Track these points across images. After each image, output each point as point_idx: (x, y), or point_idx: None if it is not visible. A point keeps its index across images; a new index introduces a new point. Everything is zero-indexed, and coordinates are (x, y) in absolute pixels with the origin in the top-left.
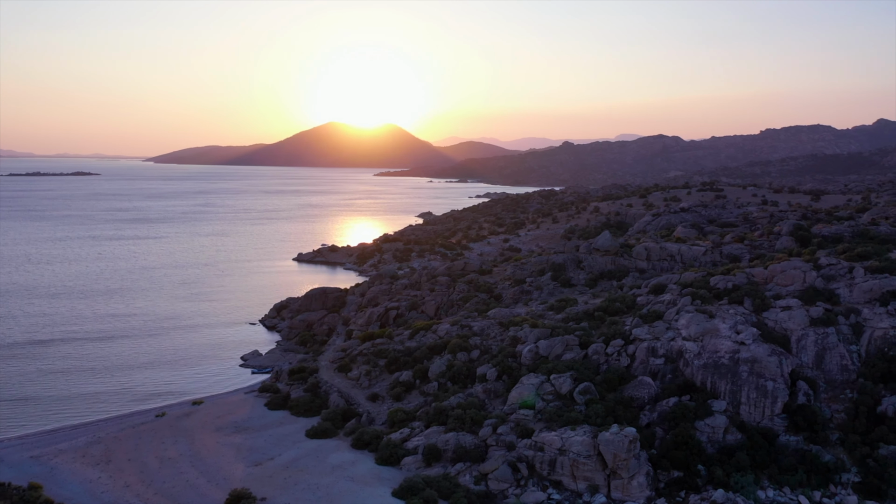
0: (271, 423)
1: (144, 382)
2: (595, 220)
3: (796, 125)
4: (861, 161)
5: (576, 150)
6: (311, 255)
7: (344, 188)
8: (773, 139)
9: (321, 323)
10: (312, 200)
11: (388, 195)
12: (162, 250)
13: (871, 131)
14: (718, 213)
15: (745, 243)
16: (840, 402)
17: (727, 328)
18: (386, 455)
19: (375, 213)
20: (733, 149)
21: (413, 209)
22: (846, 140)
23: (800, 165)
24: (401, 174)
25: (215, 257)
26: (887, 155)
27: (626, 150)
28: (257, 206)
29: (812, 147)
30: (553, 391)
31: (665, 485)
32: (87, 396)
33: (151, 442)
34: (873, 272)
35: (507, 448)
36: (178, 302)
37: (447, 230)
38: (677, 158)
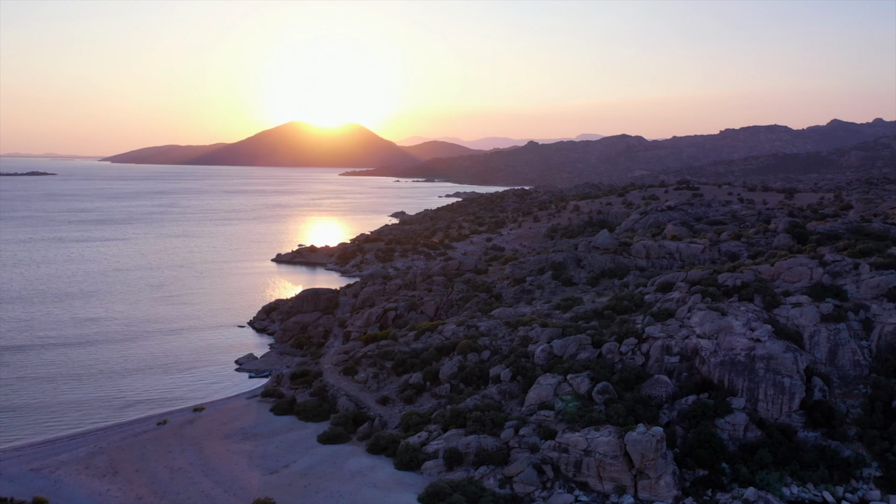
0: (280, 429)
1: (137, 389)
2: (577, 218)
3: (754, 125)
4: (819, 160)
5: (541, 150)
6: (290, 255)
7: (309, 188)
8: (733, 139)
9: (316, 325)
10: (277, 200)
11: (354, 195)
12: (133, 252)
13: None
14: (704, 212)
15: (742, 241)
16: (854, 398)
17: (740, 325)
18: (406, 460)
19: (346, 212)
20: (694, 148)
21: (384, 209)
22: (802, 140)
23: (761, 165)
24: (366, 174)
25: (190, 259)
26: (844, 155)
27: (590, 150)
28: (222, 207)
29: (770, 147)
30: (571, 391)
31: (691, 484)
32: (78, 405)
33: (157, 451)
34: (878, 268)
35: (530, 450)
36: (159, 305)
37: (426, 230)
38: (640, 158)
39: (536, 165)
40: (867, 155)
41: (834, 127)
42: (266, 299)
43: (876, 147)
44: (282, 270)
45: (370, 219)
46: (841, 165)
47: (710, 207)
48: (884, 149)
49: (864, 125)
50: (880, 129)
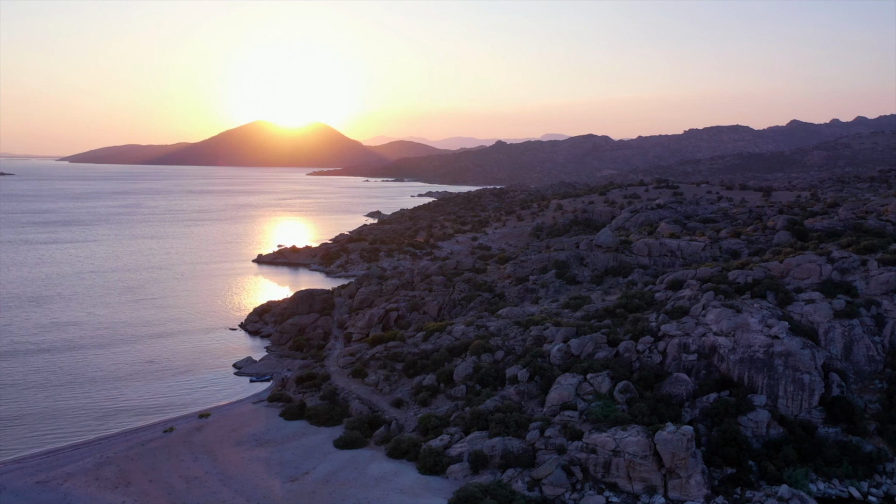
0: (293, 435)
1: (135, 395)
2: (562, 217)
3: (717, 125)
4: (783, 160)
5: (509, 150)
6: (271, 256)
7: (276, 188)
8: (697, 139)
9: (314, 326)
10: (245, 200)
11: (324, 195)
12: (106, 253)
13: (786, 132)
14: (694, 209)
15: (741, 238)
16: (871, 393)
17: (756, 322)
18: (430, 464)
19: (319, 212)
20: (660, 148)
21: (358, 208)
22: (764, 140)
23: (727, 164)
24: (333, 174)
25: (167, 260)
26: (807, 154)
27: (557, 150)
28: (189, 207)
29: (733, 146)
30: (592, 391)
31: (719, 482)
32: (75, 413)
33: (168, 460)
34: (885, 264)
35: (557, 451)
36: (143, 308)
37: (407, 229)
38: (607, 157)
39: (505, 165)
40: (829, 154)
41: (794, 127)
42: (253, 301)
43: (837, 147)
44: (264, 271)
45: (345, 219)
46: (805, 164)
47: (698, 206)
48: (844, 148)
49: (823, 125)
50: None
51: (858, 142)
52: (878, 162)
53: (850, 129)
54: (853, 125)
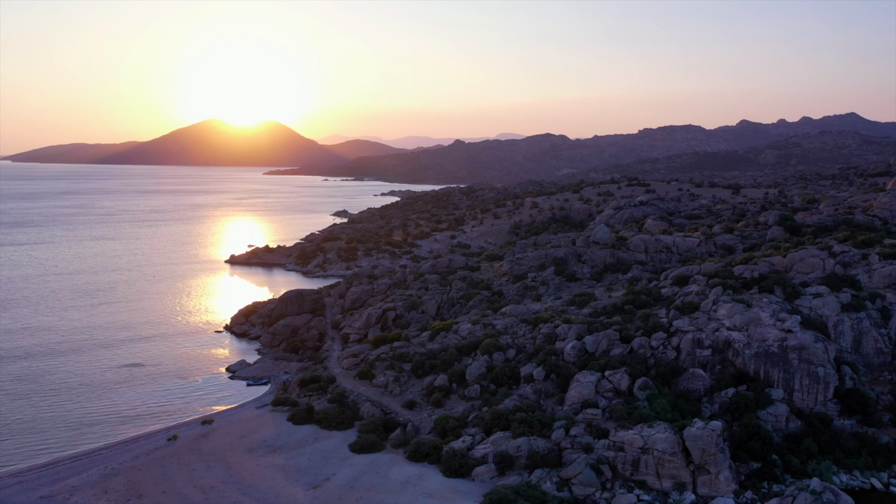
0: (304, 440)
1: (128, 402)
2: (540, 215)
3: (671, 125)
4: (737, 158)
5: (467, 149)
6: (245, 256)
7: (231, 187)
8: (651, 138)
9: (307, 328)
10: (200, 200)
11: (283, 194)
12: (68, 255)
13: (736, 131)
14: (675, 206)
15: (735, 234)
16: (881, 384)
17: (768, 316)
18: (454, 466)
19: (283, 212)
20: (616, 147)
21: (321, 207)
22: (715, 139)
23: (684, 163)
24: (290, 173)
25: (134, 261)
26: (760, 153)
27: (516, 149)
28: (142, 207)
29: (686, 145)
30: (612, 388)
31: (746, 477)
32: (67, 422)
33: (179, 469)
34: (886, 258)
35: (584, 450)
36: (120, 311)
37: (380, 228)
38: (565, 156)
39: (465, 164)
40: (781, 153)
41: (743, 127)
42: (234, 302)
43: (788, 146)
44: (239, 272)
45: (311, 218)
46: (758, 163)
47: (679, 202)
48: (795, 147)
49: (771, 125)
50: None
51: (808, 141)
52: (827, 160)
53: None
54: (799, 125)
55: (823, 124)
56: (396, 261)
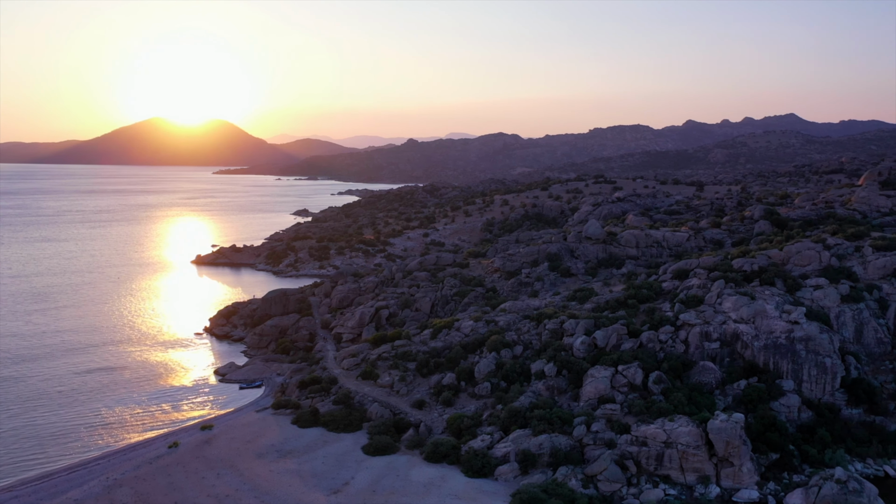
0: (314, 443)
1: (114, 409)
2: (513, 212)
3: (620, 125)
4: (688, 157)
5: (421, 148)
6: (211, 256)
7: (179, 187)
8: (602, 137)
9: (296, 328)
10: (148, 200)
11: (236, 193)
12: (20, 257)
13: (682, 131)
14: (652, 202)
15: (722, 228)
16: (883, 374)
17: (772, 308)
18: (476, 466)
19: (240, 211)
20: (567, 146)
21: (280, 207)
22: (663, 139)
23: (636, 161)
24: (240, 172)
25: (93, 263)
26: (710, 152)
27: (469, 148)
28: (89, 207)
29: (636, 144)
30: (627, 383)
31: (766, 468)
32: (53, 432)
33: (187, 478)
34: (879, 250)
35: (606, 446)
36: (88, 314)
37: (347, 227)
38: (518, 155)
39: (419, 163)
40: (730, 152)
41: (689, 127)
42: (209, 303)
43: (735, 145)
44: (207, 272)
45: (271, 217)
46: (708, 162)
47: (655, 199)
48: (742, 147)
49: (715, 125)
50: (728, 130)
51: (754, 140)
52: (773, 159)
53: (739, 129)
54: (742, 125)
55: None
56: (370, 259)
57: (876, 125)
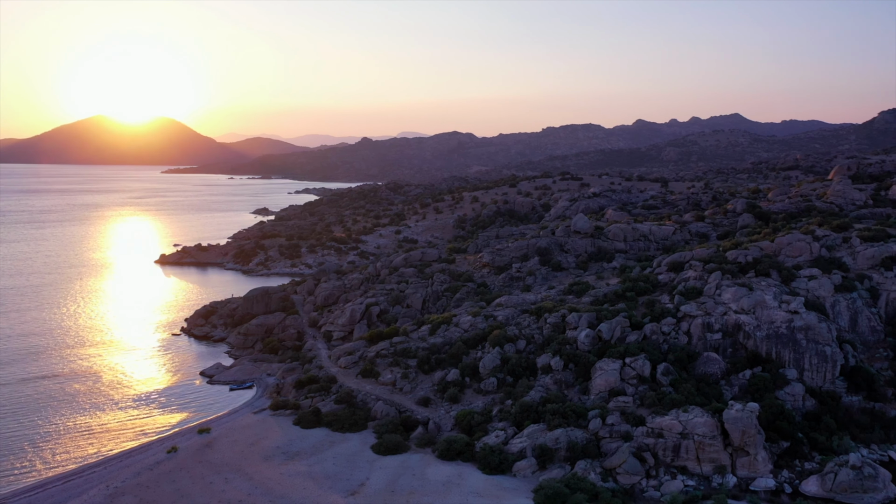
0: (320, 444)
1: (101, 414)
2: (486, 209)
3: (572, 124)
4: (641, 155)
5: (375, 147)
6: (176, 256)
7: (127, 186)
8: (555, 136)
9: (283, 327)
10: (95, 200)
11: (187, 193)
12: None
13: (632, 130)
14: (627, 197)
15: (706, 222)
16: (879, 361)
17: (771, 299)
18: (494, 463)
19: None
20: (521, 145)
21: (236, 206)
22: (615, 137)
23: (592, 159)
24: (190, 171)
25: (51, 264)
26: (662, 150)
27: (424, 146)
28: (34, 206)
29: (588, 143)
30: (636, 375)
31: (777, 456)
32: (39, 441)
33: (194, 484)
34: (867, 240)
35: (622, 438)
36: (54, 316)
37: (313, 225)
38: (472, 154)
39: (374, 162)
40: (681, 151)
41: (639, 126)
42: (181, 303)
43: (686, 144)
44: (174, 272)
45: (230, 216)
46: (661, 160)
47: (630, 194)
48: (693, 145)
49: (664, 125)
50: (676, 129)
51: (704, 139)
52: (723, 157)
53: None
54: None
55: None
56: (343, 257)
57: (816, 125)
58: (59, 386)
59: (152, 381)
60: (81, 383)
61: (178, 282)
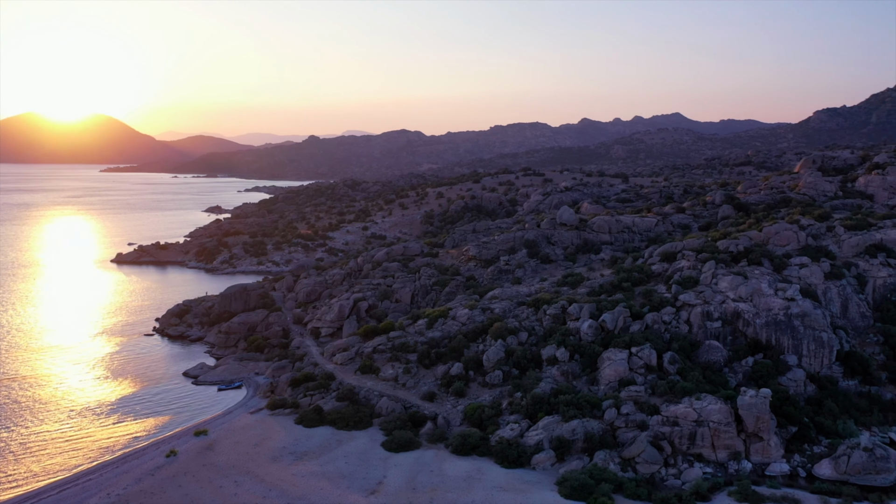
0: (327, 443)
1: (86, 418)
2: (453, 204)
3: (519, 122)
4: (590, 153)
5: (323, 145)
6: (134, 255)
7: (63, 185)
8: (502, 134)
9: (266, 324)
10: (29, 199)
11: (129, 192)
12: None
13: (578, 128)
14: (598, 191)
15: (687, 213)
16: (869, 346)
17: (766, 287)
18: (512, 456)
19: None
20: (470, 143)
21: (185, 204)
22: (561, 136)
23: (543, 157)
24: (130, 170)
25: None
26: (611, 148)
27: (372, 145)
28: None
29: (535, 141)
30: (643, 364)
31: (787, 441)
32: (15, 450)
33: (203, 488)
34: (850, 229)
35: (638, 428)
36: (14, 320)
37: (274, 222)
38: (421, 152)
39: (323, 160)
40: (629, 148)
41: (585, 125)
42: (148, 304)
43: (633, 142)
44: (133, 272)
45: (181, 215)
46: (610, 157)
47: (600, 188)
48: (639, 143)
49: (608, 123)
50: (620, 128)
51: (650, 137)
52: (669, 155)
53: (631, 126)
54: (633, 124)
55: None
56: (311, 254)
57: (753, 124)
58: (29, 392)
59: (132, 382)
60: (55, 388)
61: (140, 281)
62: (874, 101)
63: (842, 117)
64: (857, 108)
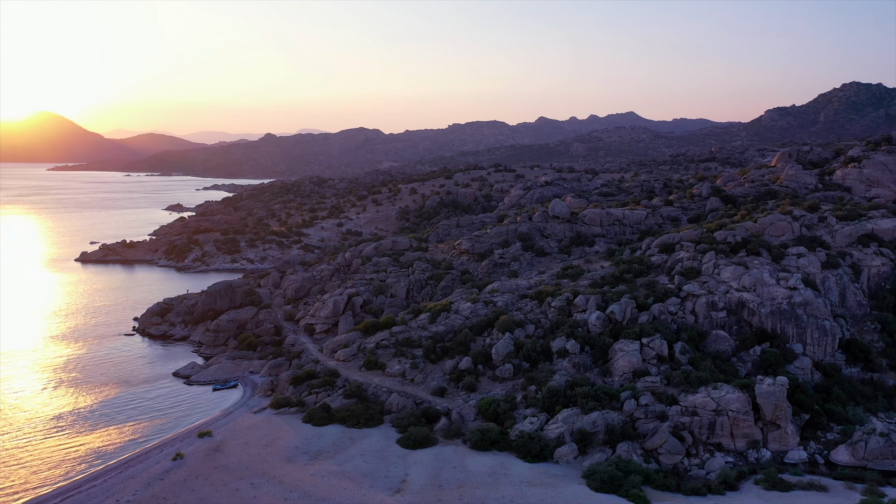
0: (340, 442)
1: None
2: (428, 200)
3: (477, 121)
4: (550, 150)
5: (280, 143)
6: (99, 253)
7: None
8: (461, 133)
9: (256, 322)
10: None
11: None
12: None
13: (535, 127)
14: (577, 186)
15: (675, 206)
16: (868, 334)
17: (768, 276)
18: (535, 451)
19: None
20: (428, 141)
21: (142, 203)
22: (519, 134)
23: (504, 154)
24: (79, 168)
25: None
26: (570, 146)
27: (330, 143)
28: None
29: (494, 140)
30: (655, 355)
31: (801, 428)
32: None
33: (218, 492)
34: (842, 219)
35: (658, 419)
36: None
37: (242, 219)
38: (380, 150)
39: (280, 158)
40: (589, 146)
41: (541, 123)
42: (122, 303)
43: (591, 140)
44: (100, 271)
45: (139, 213)
46: (571, 155)
47: (580, 182)
48: (598, 141)
49: (565, 122)
50: (577, 126)
51: (608, 135)
52: (628, 152)
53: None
54: (588, 122)
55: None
56: (286, 251)
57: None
58: (7, 399)
59: (121, 385)
60: (36, 393)
61: (109, 280)
62: (822, 101)
63: (792, 116)
64: (805, 108)
